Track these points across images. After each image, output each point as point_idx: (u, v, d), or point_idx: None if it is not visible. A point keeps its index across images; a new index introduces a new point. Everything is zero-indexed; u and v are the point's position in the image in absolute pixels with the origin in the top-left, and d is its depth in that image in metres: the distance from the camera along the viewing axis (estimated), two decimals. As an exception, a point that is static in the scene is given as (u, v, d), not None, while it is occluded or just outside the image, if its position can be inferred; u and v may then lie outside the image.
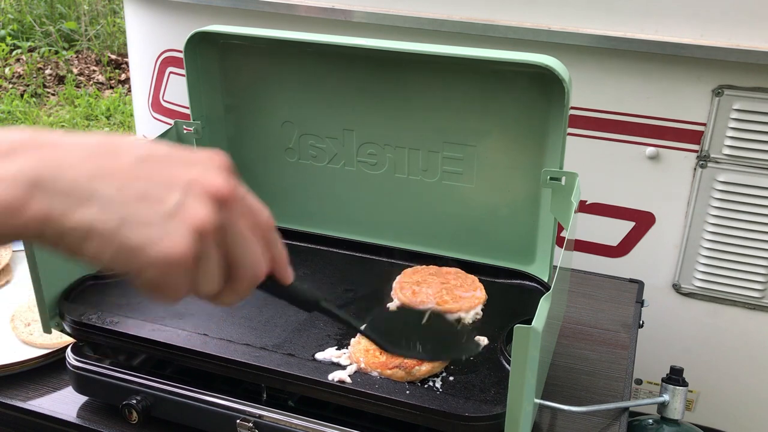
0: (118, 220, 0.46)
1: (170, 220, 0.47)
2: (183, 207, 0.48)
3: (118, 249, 0.47)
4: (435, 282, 1.10)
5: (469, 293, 1.08)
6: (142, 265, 0.48)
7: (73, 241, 0.46)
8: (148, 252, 0.47)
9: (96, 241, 0.46)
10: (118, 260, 0.47)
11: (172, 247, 0.47)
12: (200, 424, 0.98)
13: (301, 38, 1.14)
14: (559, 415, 1.05)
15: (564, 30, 1.49)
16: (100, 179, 0.47)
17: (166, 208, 0.47)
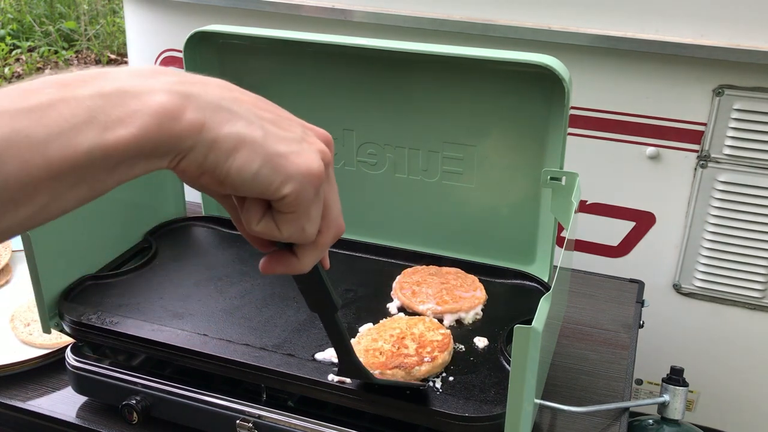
0: (263, 133, 0.49)
1: (301, 143, 0.52)
2: (307, 137, 0.53)
3: (265, 157, 0.49)
4: (435, 282, 1.10)
5: (469, 293, 1.08)
6: (284, 177, 0.50)
7: (223, 151, 0.47)
8: (292, 160, 0.50)
9: (246, 150, 0.48)
10: (264, 170, 0.49)
11: (312, 160, 0.51)
12: (200, 424, 0.98)
13: (301, 38, 1.14)
14: (559, 416, 1.04)
15: (564, 30, 1.49)
16: (237, 103, 0.50)
17: (296, 134, 0.52)
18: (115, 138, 0.43)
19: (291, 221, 0.53)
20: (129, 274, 1.13)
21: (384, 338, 0.95)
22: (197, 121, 0.46)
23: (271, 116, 0.52)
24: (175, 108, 0.46)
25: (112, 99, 0.44)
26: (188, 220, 1.32)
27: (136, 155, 0.45)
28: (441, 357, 0.91)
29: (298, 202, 0.52)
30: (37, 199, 0.43)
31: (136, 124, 0.44)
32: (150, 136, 0.45)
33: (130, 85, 0.45)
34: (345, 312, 1.05)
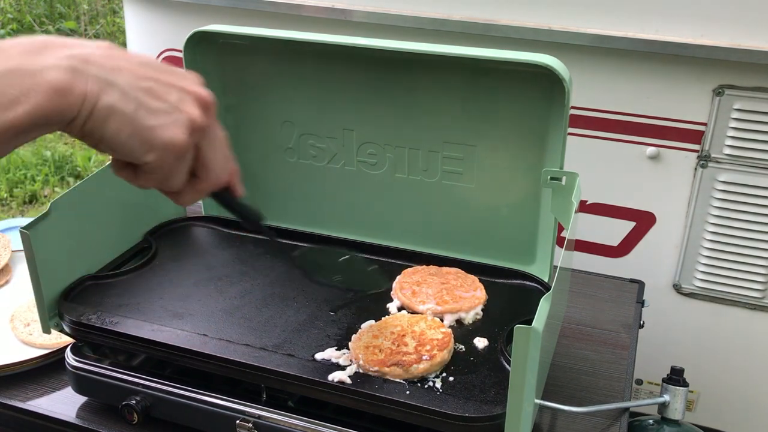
0: (135, 106, 0.56)
1: (172, 114, 0.59)
2: (181, 105, 0.59)
3: (133, 130, 0.56)
4: (435, 282, 1.09)
5: (469, 293, 1.08)
6: (148, 148, 0.58)
7: (99, 120, 0.55)
8: (157, 134, 0.58)
9: (117, 121, 0.55)
10: (131, 141, 0.57)
11: (175, 134, 0.59)
12: (200, 424, 0.98)
13: (301, 38, 1.14)
14: (559, 416, 1.04)
15: (564, 30, 1.49)
16: (117, 72, 0.56)
17: (169, 104, 0.59)
18: (14, 115, 0.50)
19: (150, 178, 0.63)
20: (129, 274, 1.13)
21: (384, 335, 0.95)
22: (81, 93, 0.53)
23: (149, 85, 0.58)
24: (64, 85, 0.52)
25: (8, 79, 0.50)
26: (188, 220, 1.32)
27: (31, 127, 0.52)
28: (440, 356, 0.91)
29: (158, 167, 0.60)
30: None
31: (31, 102, 0.51)
32: (43, 111, 0.52)
33: (24, 64, 0.51)
34: (345, 312, 1.05)
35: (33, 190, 3.43)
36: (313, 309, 1.06)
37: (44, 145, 3.76)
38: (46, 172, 3.51)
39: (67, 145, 3.84)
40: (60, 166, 3.57)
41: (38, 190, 3.43)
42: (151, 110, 0.57)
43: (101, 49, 0.56)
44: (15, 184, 3.48)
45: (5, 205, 3.39)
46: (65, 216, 1.04)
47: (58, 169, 3.55)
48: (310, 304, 1.07)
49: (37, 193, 3.42)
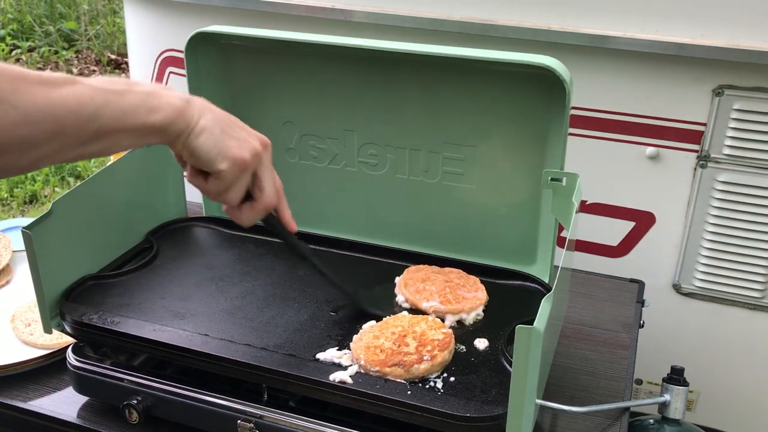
0: (220, 130, 0.83)
1: (242, 141, 0.85)
2: (249, 138, 0.86)
3: (215, 144, 0.82)
4: (439, 280, 1.10)
5: (471, 294, 1.08)
6: (222, 158, 0.83)
7: (195, 134, 0.81)
8: (231, 150, 0.83)
9: (207, 136, 0.81)
10: (213, 151, 0.82)
11: (243, 153, 0.84)
12: (201, 424, 0.98)
13: (301, 38, 1.14)
14: (560, 416, 1.05)
15: (564, 30, 1.49)
16: (210, 112, 0.83)
17: (241, 136, 0.85)
18: (153, 119, 0.77)
19: (216, 185, 0.85)
20: (130, 274, 1.13)
21: (386, 335, 0.95)
22: (189, 115, 0.81)
23: (229, 121, 0.86)
24: (182, 108, 0.80)
25: (153, 95, 0.78)
26: (189, 220, 1.32)
27: (159, 131, 0.78)
28: (441, 356, 0.91)
29: (225, 176, 0.84)
30: (105, 141, 0.74)
31: (164, 113, 0.78)
32: (169, 121, 0.79)
33: (162, 93, 0.80)
34: (347, 312, 1.05)
35: (33, 190, 3.43)
36: (314, 309, 1.06)
37: (44, 145, 3.76)
38: (47, 173, 3.51)
39: (67, 145, 3.84)
40: (60, 167, 3.56)
41: (39, 190, 3.43)
42: (229, 135, 0.84)
43: (198, 98, 0.84)
44: (15, 184, 3.47)
45: (6, 205, 3.39)
46: (67, 216, 1.04)
47: (58, 169, 3.55)
48: (312, 304, 1.07)
49: (37, 193, 3.42)
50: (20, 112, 0.65)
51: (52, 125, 0.68)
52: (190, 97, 0.82)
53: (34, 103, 0.66)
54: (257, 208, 0.89)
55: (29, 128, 0.66)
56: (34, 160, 0.70)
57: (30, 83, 0.67)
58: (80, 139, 0.71)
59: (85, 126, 0.71)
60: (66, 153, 0.72)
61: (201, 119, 0.81)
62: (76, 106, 0.70)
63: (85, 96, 0.71)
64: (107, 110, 0.73)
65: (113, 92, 0.74)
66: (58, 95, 0.69)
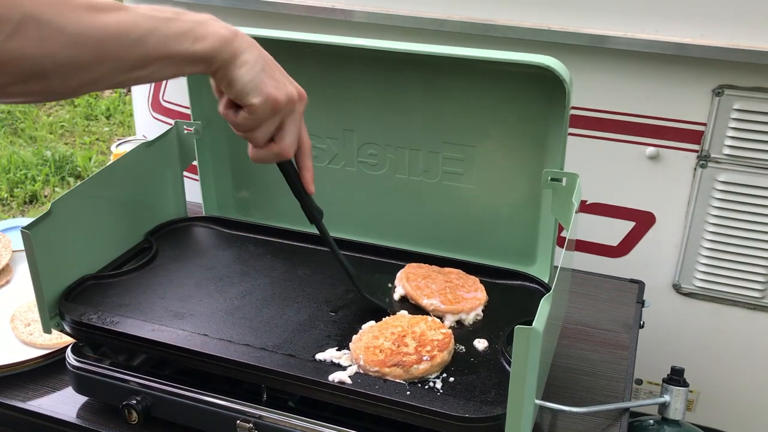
0: (261, 66, 0.84)
1: (280, 83, 0.86)
2: (288, 84, 0.88)
3: (253, 77, 0.83)
4: (440, 279, 1.10)
5: (470, 294, 1.08)
6: (257, 92, 0.84)
7: (237, 64, 0.82)
8: (266, 87, 0.84)
9: (246, 68, 0.83)
10: (250, 84, 0.83)
11: (277, 93, 0.85)
12: (200, 424, 0.98)
13: (301, 38, 1.14)
14: (559, 416, 1.05)
15: (564, 30, 1.49)
16: (254, 47, 0.85)
17: (280, 79, 0.87)
18: (198, 47, 0.78)
19: (245, 120, 0.86)
20: (130, 274, 1.13)
21: (385, 336, 0.95)
22: (234, 47, 0.82)
23: (272, 64, 0.87)
24: (228, 38, 0.81)
25: (201, 24, 0.79)
26: (189, 220, 1.32)
27: (204, 60, 0.79)
28: (440, 356, 0.91)
29: (256, 112, 0.85)
30: (150, 67, 0.76)
31: (210, 41, 0.79)
32: (213, 50, 0.80)
33: (209, 19, 0.81)
34: (346, 312, 1.05)
35: (33, 190, 3.43)
36: (313, 309, 1.06)
37: (45, 145, 3.76)
38: (47, 172, 3.51)
39: (68, 145, 3.85)
40: (60, 167, 3.57)
41: (39, 190, 3.43)
42: (269, 74, 0.85)
43: (246, 35, 0.85)
44: (15, 184, 3.48)
45: (6, 205, 3.39)
46: (66, 216, 1.04)
47: (58, 169, 3.55)
48: (311, 304, 1.07)
49: (37, 193, 3.42)
50: (66, 35, 0.67)
51: (98, 49, 0.69)
52: (238, 31, 0.83)
53: (80, 27, 0.68)
54: (271, 149, 0.90)
55: (75, 50, 0.68)
56: (82, 84, 0.71)
57: (75, 8, 0.68)
58: (126, 64, 0.73)
59: (130, 51, 0.72)
60: (113, 78, 0.73)
61: (246, 53, 0.82)
62: (122, 31, 0.71)
63: (131, 22, 0.72)
64: (153, 37, 0.74)
65: (160, 19, 0.75)
66: (104, 20, 0.70)
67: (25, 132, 3.93)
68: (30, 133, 3.92)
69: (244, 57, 0.82)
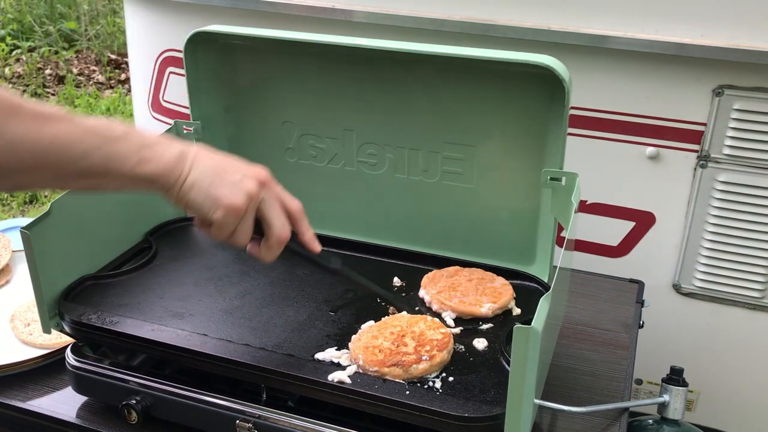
0: (209, 181, 0.83)
1: (235, 185, 0.84)
2: (242, 182, 0.84)
3: (206, 195, 0.83)
4: (463, 281, 1.11)
5: (498, 283, 1.10)
6: (215, 208, 0.83)
7: (186, 189, 0.82)
8: (222, 199, 0.83)
9: (196, 189, 0.82)
10: (205, 202, 0.83)
11: (235, 200, 0.83)
12: (200, 424, 0.98)
13: (301, 38, 1.14)
14: (559, 416, 1.05)
15: (564, 30, 1.49)
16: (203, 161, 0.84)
17: (233, 181, 0.84)
18: (141, 170, 0.79)
19: (220, 233, 0.86)
20: (129, 274, 1.13)
21: (384, 335, 0.95)
22: (181, 171, 0.82)
23: (222, 169, 0.85)
24: (173, 163, 0.82)
25: (147, 147, 0.80)
26: (188, 220, 1.32)
27: (147, 182, 0.80)
28: (439, 356, 0.91)
29: (224, 223, 0.84)
30: (92, 180, 0.78)
31: (153, 165, 0.80)
32: (157, 174, 0.81)
33: (156, 142, 0.81)
34: (345, 312, 1.05)
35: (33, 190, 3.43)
36: (312, 309, 1.06)
37: (44, 145, 3.76)
38: (47, 172, 3.51)
39: (68, 145, 3.84)
40: (60, 166, 3.56)
41: (39, 190, 3.43)
42: (220, 183, 0.83)
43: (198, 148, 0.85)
44: (15, 184, 3.47)
45: (6, 205, 3.39)
46: (66, 216, 1.04)
47: (58, 169, 3.55)
48: (310, 304, 1.07)
49: (37, 193, 3.42)
50: (5, 141, 0.70)
51: (38, 159, 0.72)
52: (186, 149, 0.83)
53: (22, 135, 0.71)
54: (270, 244, 0.88)
55: (14, 156, 0.71)
56: (16, 185, 0.75)
57: (22, 116, 0.71)
58: (66, 174, 0.75)
59: (71, 164, 0.74)
60: (53, 183, 0.77)
61: (191, 173, 0.82)
62: (65, 145, 0.74)
63: (75, 136, 0.74)
64: (95, 155, 0.76)
65: (106, 138, 0.77)
66: (49, 131, 0.72)
67: (26, 132, 3.93)
68: (30, 134, 3.91)
69: (190, 178, 0.82)
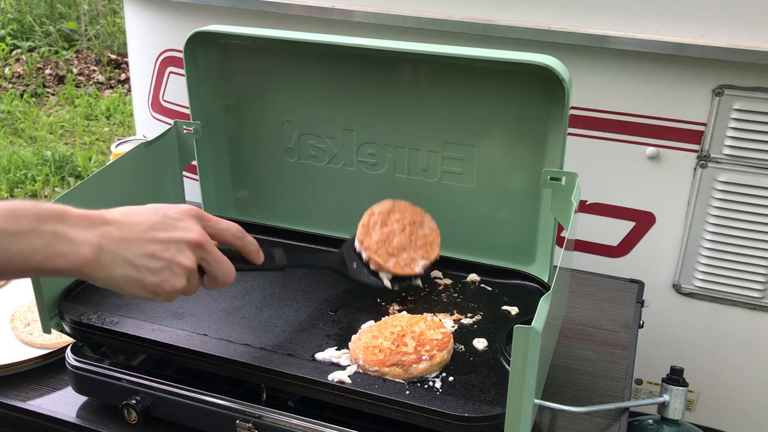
0: (139, 272, 0.78)
1: (170, 268, 0.80)
2: (176, 257, 0.80)
3: (141, 286, 0.79)
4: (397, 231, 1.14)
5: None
6: (155, 295, 0.81)
7: (116, 285, 0.78)
8: (160, 287, 0.80)
9: (129, 282, 0.78)
10: (143, 293, 0.80)
11: (174, 284, 0.81)
12: (200, 424, 0.98)
13: (301, 38, 1.14)
14: (559, 416, 1.04)
15: (564, 30, 1.49)
16: (127, 245, 0.78)
17: (166, 261, 0.80)
18: (53, 264, 0.74)
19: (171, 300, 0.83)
20: (129, 274, 1.13)
21: (384, 335, 0.95)
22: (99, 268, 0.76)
23: (152, 249, 0.79)
24: (90, 259, 0.75)
25: (59, 239, 0.74)
26: (188, 220, 1.31)
27: (64, 272, 0.75)
28: (439, 356, 0.91)
29: (170, 298, 0.82)
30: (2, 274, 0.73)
31: (67, 260, 0.74)
32: (74, 268, 0.75)
33: (72, 234, 0.74)
34: (345, 312, 1.05)
35: (33, 190, 3.43)
36: (313, 309, 1.06)
37: (45, 145, 3.76)
38: (47, 173, 3.51)
39: (68, 145, 3.85)
40: (60, 167, 3.57)
41: (39, 190, 3.43)
42: (152, 270, 0.79)
43: (121, 225, 0.78)
44: (15, 184, 3.48)
45: (5, 205, 3.39)
46: (65, 216, 1.04)
47: (58, 169, 3.55)
48: (310, 304, 1.07)
49: (37, 193, 3.42)
50: None
51: None
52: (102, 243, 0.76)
53: None
54: (218, 284, 0.87)
55: None
56: None
57: None
58: None
59: None
60: None
61: (113, 269, 0.77)
62: None
63: None
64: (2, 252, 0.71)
65: (8, 234, 0.71)
66: None
67: (25, 132, 3.93)
68: (30, 133, 3.92)
69: (118, 273, 0.77)
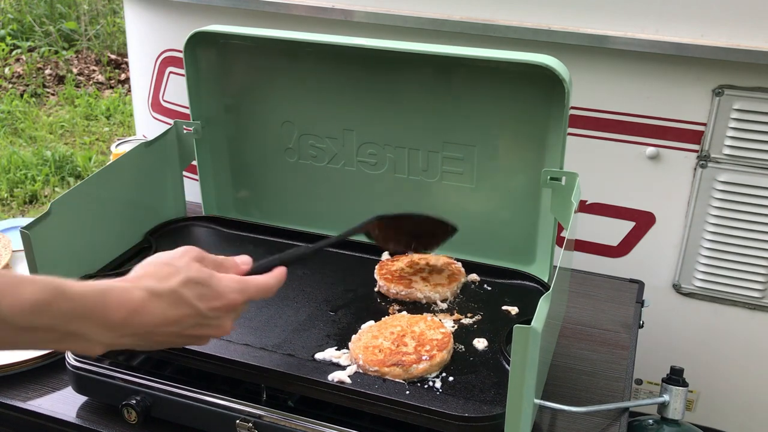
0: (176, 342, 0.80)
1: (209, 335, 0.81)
2: (215, 333, 0.80)
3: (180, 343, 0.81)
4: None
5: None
6: None
7: None
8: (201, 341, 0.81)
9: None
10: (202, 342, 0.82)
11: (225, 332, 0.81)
12: (200, 424, 0.98)
13: (301, 38, 1.14)
14: (559, 416, 1.04)
15: (564, 30, 1.49)
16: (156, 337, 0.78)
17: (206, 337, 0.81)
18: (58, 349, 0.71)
19: None
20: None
21: (384, 335, 0.95)
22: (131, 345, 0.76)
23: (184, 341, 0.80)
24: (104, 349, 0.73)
25: (73, 338, 0.70)
26: (188, 220, 1.32)
27: None
28: (439, 356, 0.91)
29: None
30: None
31: (78, 349, 0.75)
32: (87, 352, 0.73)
33: (90, 335, 0.71)
34: (345, 312, 1.05)
35: (33, 190, 3.43)
36: (312, 309, 1.06)
37: (45, 145, 3.76)
38: (47, 172, 3.51)
39: (68, 145, 3.85)
40: (60, 166, 3.57)
41: (39, 190, 3.43)
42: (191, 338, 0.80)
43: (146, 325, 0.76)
44: (15, 184, 3.47)
45: (6, 205, 3.39)
46: (65, 216, 1.04)
47: (58, 169, 3.55)
48: (310, 304, 1.07)
49: (37, 193, 3.42)
50: None
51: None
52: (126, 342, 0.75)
53: None
54: None
55: None
56: None
57: None
58: None
59: None
60: None
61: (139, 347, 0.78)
62: None
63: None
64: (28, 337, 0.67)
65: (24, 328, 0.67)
66: None
67: (25, 132, 3.93)
68: (30, 133, 3.92)
69: None
